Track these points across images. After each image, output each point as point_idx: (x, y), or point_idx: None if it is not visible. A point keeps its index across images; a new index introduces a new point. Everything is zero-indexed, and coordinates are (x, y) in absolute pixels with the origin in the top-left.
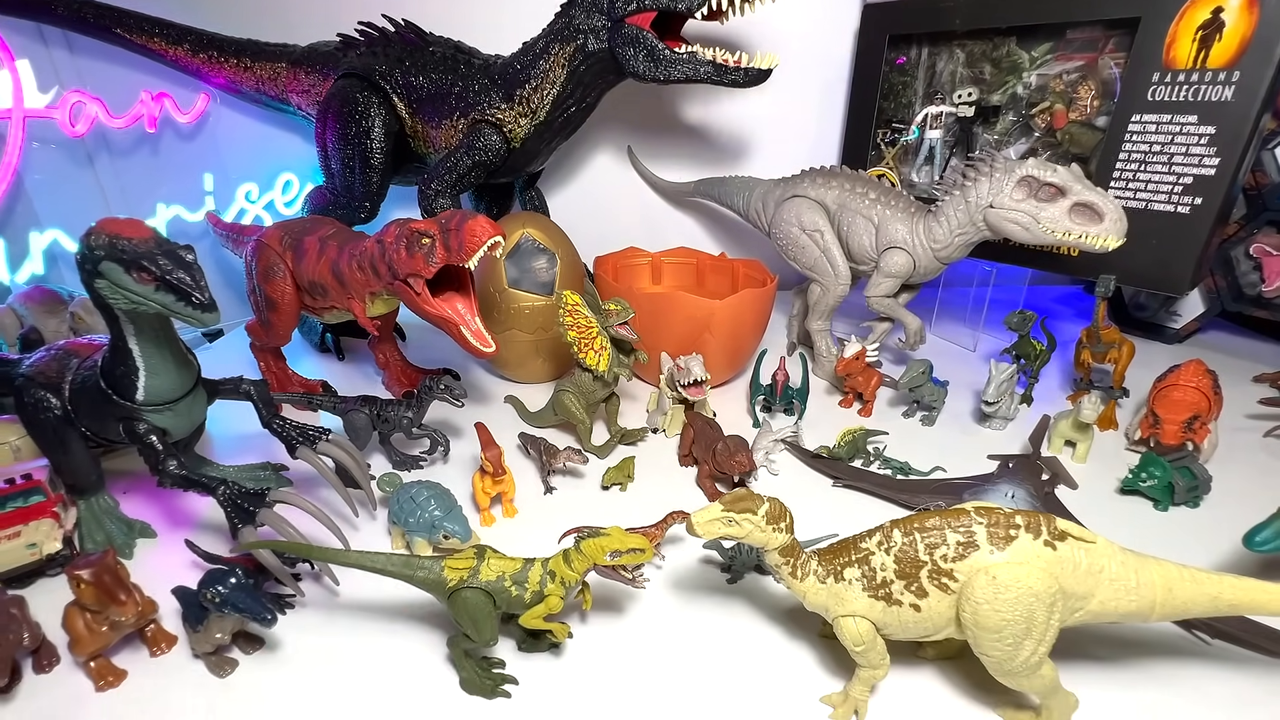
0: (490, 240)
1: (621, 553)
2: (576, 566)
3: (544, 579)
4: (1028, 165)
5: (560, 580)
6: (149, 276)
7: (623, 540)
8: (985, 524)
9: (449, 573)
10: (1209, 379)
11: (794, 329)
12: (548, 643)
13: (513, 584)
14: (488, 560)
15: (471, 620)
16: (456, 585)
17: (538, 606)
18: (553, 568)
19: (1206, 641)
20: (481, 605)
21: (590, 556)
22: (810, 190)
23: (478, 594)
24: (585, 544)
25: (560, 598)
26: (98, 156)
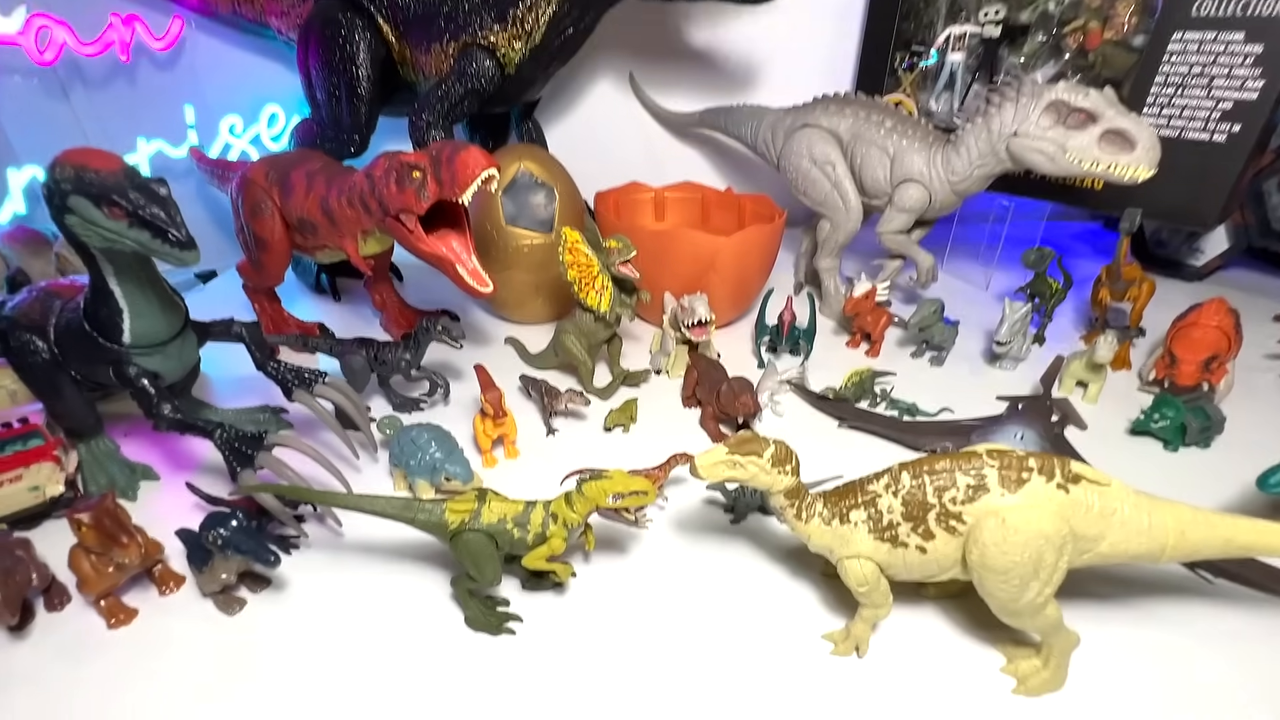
0: (484, 173)
1: (624, 495)
2: (579, 509)
3: (546, 521)
4: (1058, 89)
5: (562, 522)
6: (120, 211)
7: (625, 483)
8: (997, 467)
9: (450, 515)
10: (1231, 318)
11: (802, 267)
12: (551, 582)
13: (514, 526)
14: (489, 503)
15: (474, 562)
16: (458, 528)
17: (540, 548)
18: (555, 510)
19: (1209, 580)
20: (484, 547)
21: (592, 499)
22: (823, 119)
23: (479, 536)
24: (587, 486)
25: (562, 540)
26: (72, 88)
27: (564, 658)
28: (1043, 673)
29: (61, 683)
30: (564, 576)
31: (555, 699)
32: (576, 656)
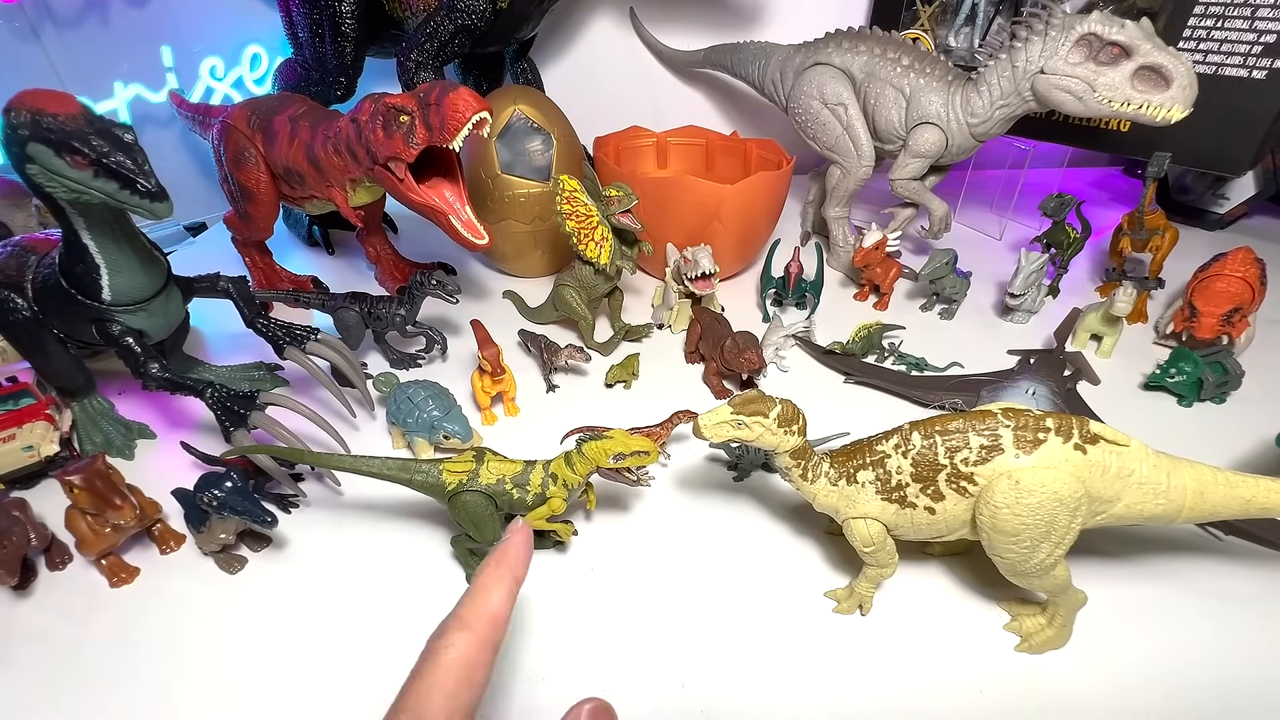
0: (476, 116)
1: (625, 455)
2: (579, 469)
3: (545, 482)
4: (1090, 20)
5: (562, 483)
6: (84, 160)
7: (626, 443)
8: (1012, 427)
9: (447, 476)
10: (1256, 268)
11: (809, 216)
12: (552, 540)
13: (513, 487)
14: (487, 463)
15: (473, 523)
16: (456, 489)
17: (540, 508)
18: (554, 470)
19: (1219, 538)
20: (482, 507)
21: (593, 459)
22: (835, 57)
23: (478, 497)
24: (588, 447)
25: (563, 500)
26: (42, 28)
27: (566, 615)
28: (1047, 631)
29: (66, 640)
30: (565, 536)
31: (557, 656)
32: (578, 614)
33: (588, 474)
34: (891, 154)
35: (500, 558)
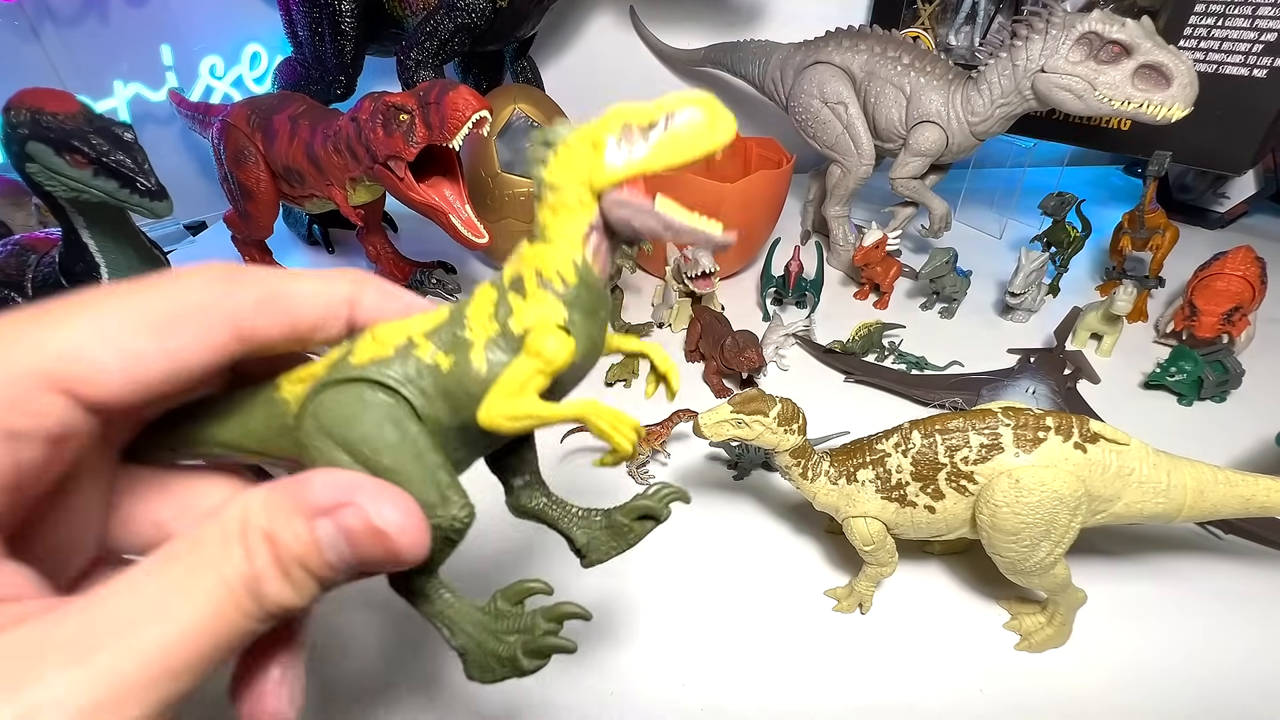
0: (475, 115)
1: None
2: (564, 221)
3: (502, 301)
4: (1090, 19)
5: (536, 276)
6: (83, 159)
7: (627, 114)
8: (1012, 426)
9: (286, 389)
10: (1257, 267)
11: (810, 215)
12: (644, 529)
13: (438, 346)
14: (365, 339)
15: (372, 453)
16: (305, 397)
17: (516, 366)
18: (513, 272)
19: (1219, 536)
20: (373, 413)
21: (580, 169)
22: (835, 55)
23: (357, 391)
24: (560, 151)
25: (560, 324)
26: (41, 27)
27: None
28: (1046, 629)
29: None
30: (624, 445)
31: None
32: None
33: (585, 229)
34: (892, 152)
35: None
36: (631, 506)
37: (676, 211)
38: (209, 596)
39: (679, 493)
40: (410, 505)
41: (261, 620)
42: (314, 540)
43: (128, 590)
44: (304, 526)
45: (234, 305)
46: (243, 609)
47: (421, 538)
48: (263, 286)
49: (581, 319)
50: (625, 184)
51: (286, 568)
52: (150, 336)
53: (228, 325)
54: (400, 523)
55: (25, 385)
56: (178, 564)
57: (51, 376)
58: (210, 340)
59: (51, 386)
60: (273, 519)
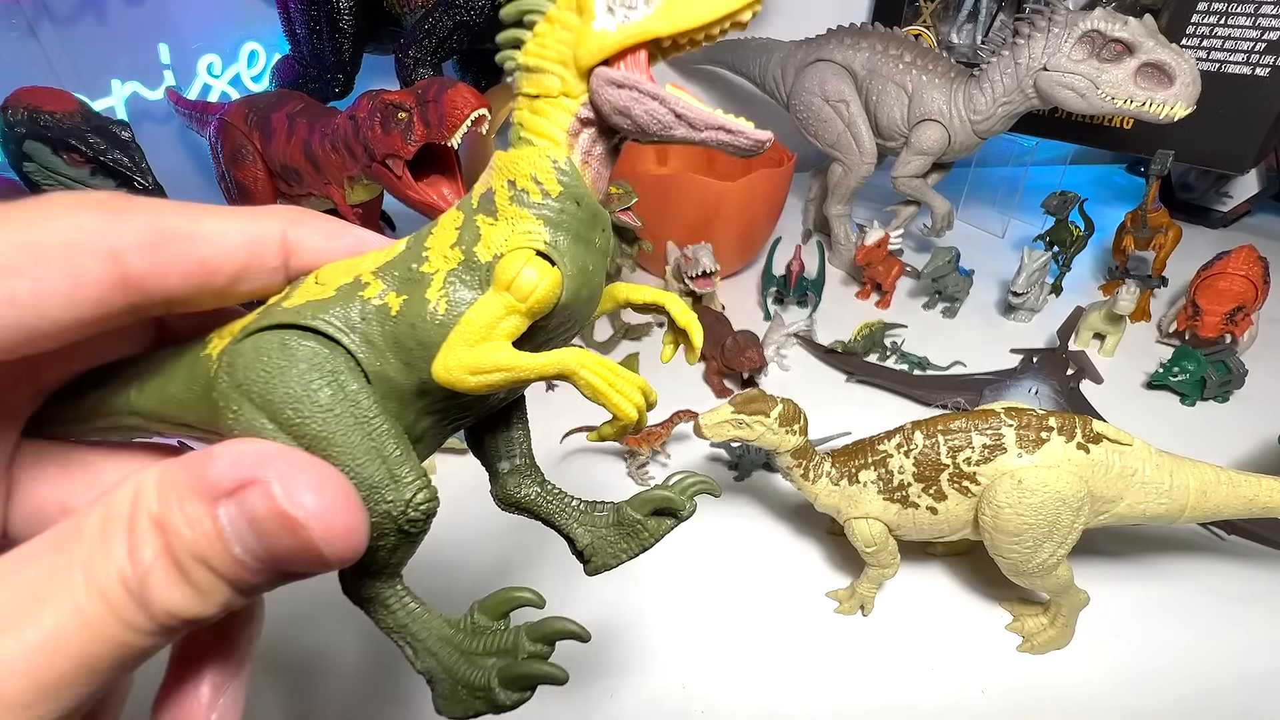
0: (474, 113)
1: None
2: (545, 115)
3: (468, 225)
4: (1093, 17)
5: (513, 189)
6: (81, 158)
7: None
8: (1015, 426)
9: (213, 345)
10: (1260, 266)
11: (811, 214)
12: (663, 527)
13: (388, 285)
14: (307, 281)
15: (288, 416)
16: (224, 350)
17: (482, 304)
18: (482, 188)
19: (1222, 537)
20: (303, 367)
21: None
22: (836, 53)
23: (283, 339)
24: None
25: (539, 248)
26: (39, 25)
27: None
28: (1049, 630)
29: None
30: (625, 411)
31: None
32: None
33: (575, 108)
34: (893, 151)
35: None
36: (645, 498)
37: (689, 98)
38: (76, 603)
39: (706, 483)
40: (336, 484)
41: (154, 633)
42: (216, 530)
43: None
44: (203, 510)
45: (114, 242)
46: (124, 618)
47: (352, 528)
48: (156, 220)
49: (570, 243)
50: (623, 57)
51: (183, 565)
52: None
53: (106, 267)
54: (319, 507)
55: None
56: (39, 561)
57: None
58: (81, 284)
59: None
60: (164, 502)
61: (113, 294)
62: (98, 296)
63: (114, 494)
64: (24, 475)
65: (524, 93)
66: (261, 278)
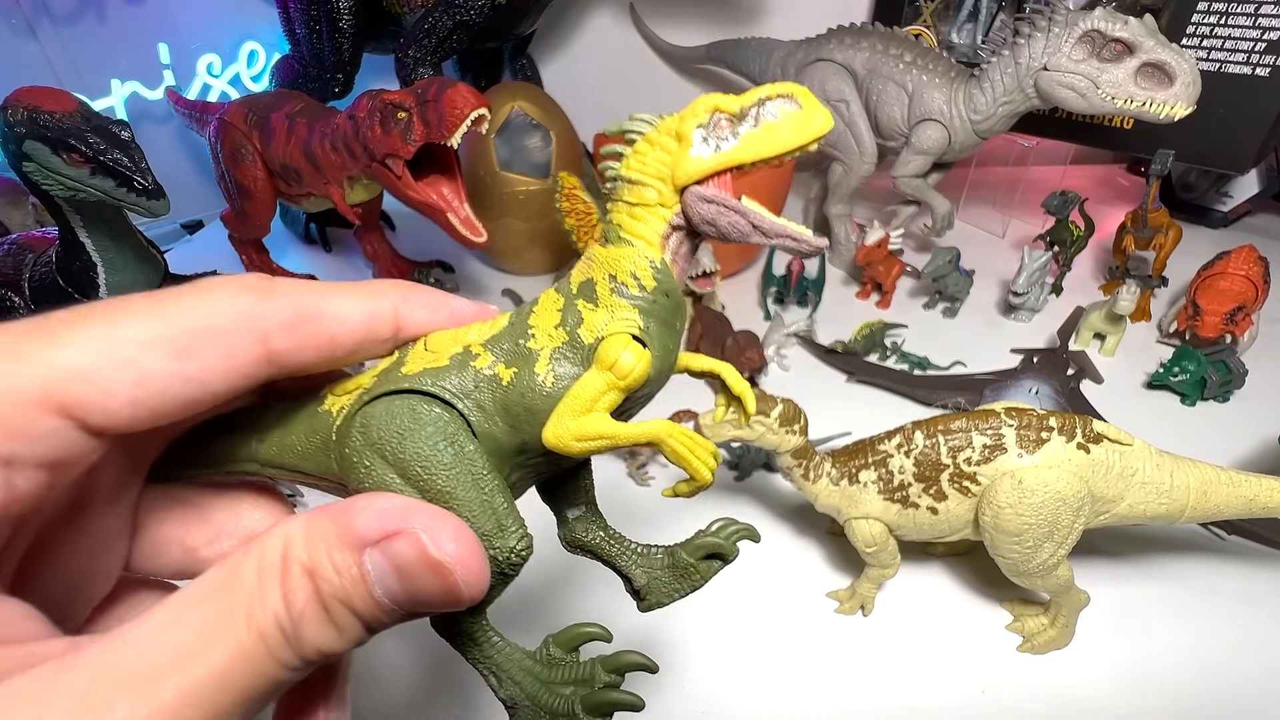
0: (474, 113)
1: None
2: (643, 220)
3: (569, 309)
4: (1093, 17)
5: (613, 282)
6: (80, 158)
7: (716, 102)
8: (1015, 426)
9: (331, 402)
10: (1260, 266)
11: (811, 214)
12: (712, 569)
13: (498, 357)
14: (417, 348)
15: (424, 471)
16: (351, 409)
17: (587, 381)
18: (582, 277)
19: (1222, 537)
20: (427, 428)
21: (672, 167)
22: (836, 53)
23: (409, 405)
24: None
25: (636, 333)
26: (39, 25)
27: (564, 616)
28: (1049, 631)
29: None
30: (702, 474)
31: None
32: (576, 615)
33: (669, 216)
34: (894, 151)
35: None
36: (697, 544)
37: (763, 211)
38: (239, 643)
39: (748, 530)
40: (470, 535)
41: (298, 669)
42: (361, 575)
43: (148, 635)
44: (350, 559)
45: (264, 324)
46: (277, 656)
47: (483, 573)
48: (297, 303)
49: (658, 329)
50: (711, 179)
51: (329, 608)
52: (166, 356)
53: (256, 346)
54: (459, 553)
55: (19, 406)
56: (206, 605)
57: (50, 398)
58: (236, 362)
59: (50, 408)
60: (313, 551)
61: (260, 368)
62: (249, 372)
63: (265, 545)
64: (148, 516)
65: (624, 200)
66: (375, 348)
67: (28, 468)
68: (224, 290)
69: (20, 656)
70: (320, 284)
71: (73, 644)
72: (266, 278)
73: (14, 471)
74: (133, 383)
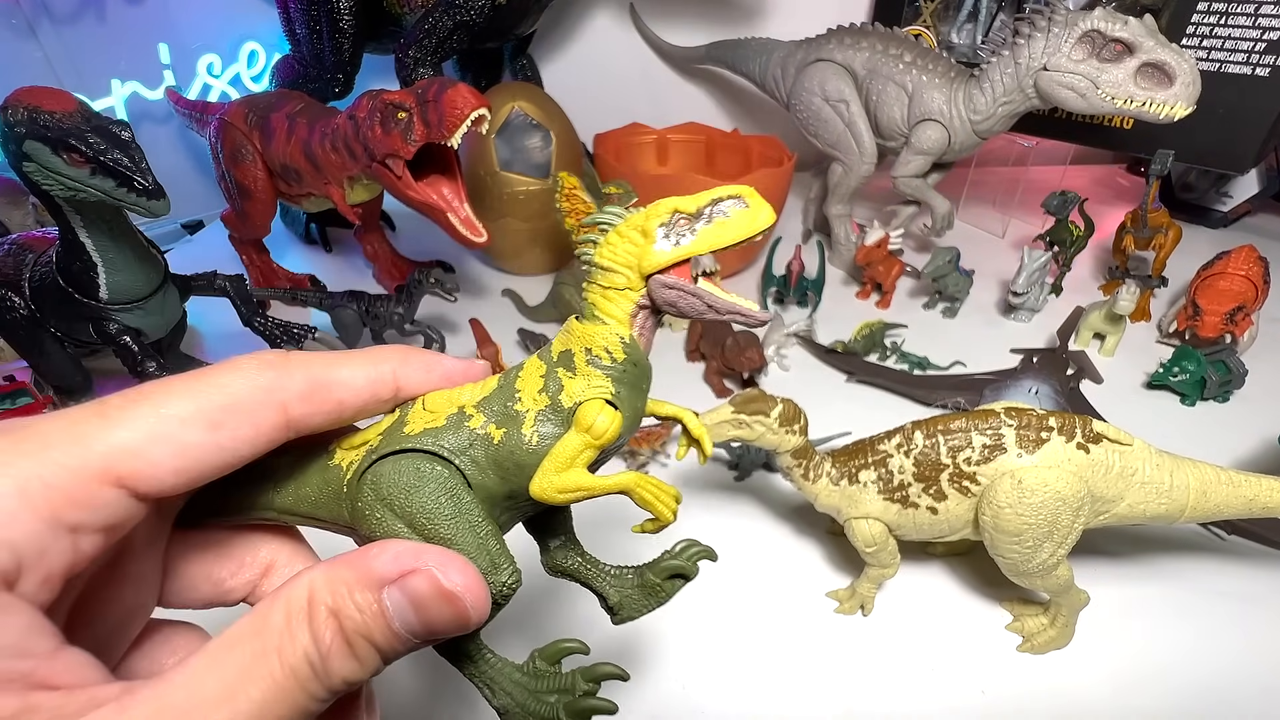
0: (474, 113)
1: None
2: (614, 302)
3: (551, 376)
4: (1093, 17)
5: (587, 356)
6: (80, 158)
7: (675, 204)
8: (1015, 426)
9: (340, 456)
10: (1260, 266)
11: (811, 214)
12: (675, 587)
13: (489, 418)
14: (416, 408)
15: (426, 521)
16: (360, 467)
17: (567, 441)
18: (562, 347)
19: (1222, 538)
20: (430, 484)
21: (634, 252)
22: (836, 53)
23: (413, 463)
24: (612, 237)
25: (608, 399)
26: (39, 25)
27: (564, 616)
28: (1049, 631)
29: None
30: (665, 515)
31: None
32: (576, 615)
33: (636, 299)
34: (894, 151)
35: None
36: (663, 566)
37: (717, 291)
38: (274, 679)
39: (706, 551)
40: (473, 570)
41: (325, 699)
42: (380, 611)
43: (193, 677)
44: (370, 598)
45: (283, 396)
46: (308, 689)
47: (485, 601)
48: (311, 375)
49: (628, 393)
50: (672, 269)
51: (353, 642)
52: (202, 430)
53: (277, 415)
54: (466, 584)
55: (86, 482)
56: (241, 648)
57: (109, 472)
58: (260, 430)
59: (109, 481)
60: (336, 595)
61: (280, 434)
62: (270, 438)
63: (291, 593)
64: (177, 558)
65: (598, 283)
66: (377, 408)
67: (90, 533)
68: (248, 368)
69: (84, 700)
70: (329, 355)
71: (127, 688)
72: (283, 354)
73: (80, 537)
74: (174, 454)
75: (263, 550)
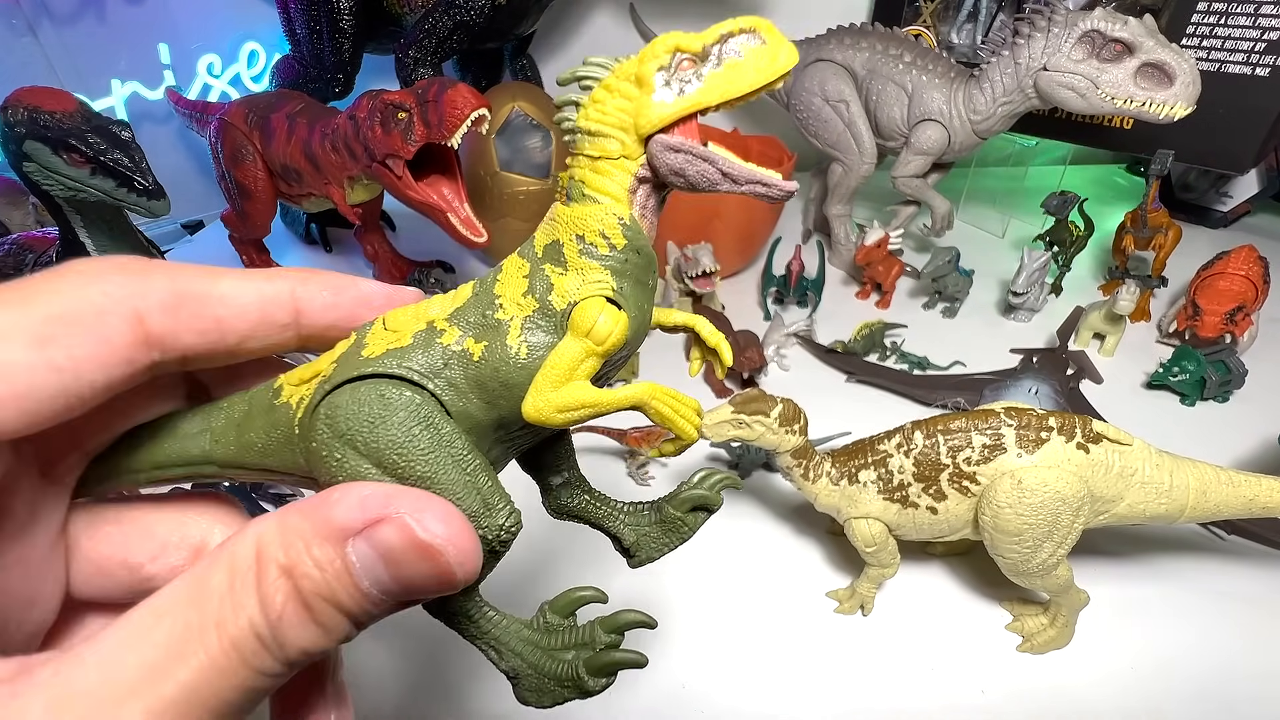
0: (474, 113)
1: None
2: (607, 175)
3: (536, 274)
4: (1093, 17)
5: (581, 243)
6: (81, 158)
7: (676, 41)
8: (1015, 426)
9: (288, 392)
10: (1260, 266)
11: (811, 214)
12: (698, 520)
13: (465, 330)
14: (375, 328)
15: (401, 457)
16: (312, 400)
17: (563, 349)
18: (546, 239)
19: (1222, 537)
20: (402, 414)
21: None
22: (836, 53)
23: (376, 390)
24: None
25: (609, 296)
26: (39, 25)
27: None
28: (1049, 630)
29: None
30: (689, 432)
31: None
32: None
33: (634, 168)
34: (894, 151)
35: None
36: (683, 497)
37: (733, 157)
38: (210, 656)
39: (731, 479)
40: (457, 516)
41: (279, 674)
42: (345, 568)
43: (108, 654)
44: (332, 552)
45: (137, 304)
46: (253, 665)
47: (475, 552)
48: (177, 282)
49: (632, 289)
50: (676, 126)
51: (311, 605)
52: (25, 346)
53: (129, 329)
54: (449, 534)
55: None
56: (171, 619)
57: None
58: (108, 347)
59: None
60: (290, 549)
61: (138, 353)
62: (126, 356)
63: (235, 549)
64: (81, 536)
65: (585, 153)
66: (273, 334)
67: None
68: (91, 271)
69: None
70: (211, 267)
71: (21, 665)
72: (145, 259)
73: None
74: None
75: (191, 528)
